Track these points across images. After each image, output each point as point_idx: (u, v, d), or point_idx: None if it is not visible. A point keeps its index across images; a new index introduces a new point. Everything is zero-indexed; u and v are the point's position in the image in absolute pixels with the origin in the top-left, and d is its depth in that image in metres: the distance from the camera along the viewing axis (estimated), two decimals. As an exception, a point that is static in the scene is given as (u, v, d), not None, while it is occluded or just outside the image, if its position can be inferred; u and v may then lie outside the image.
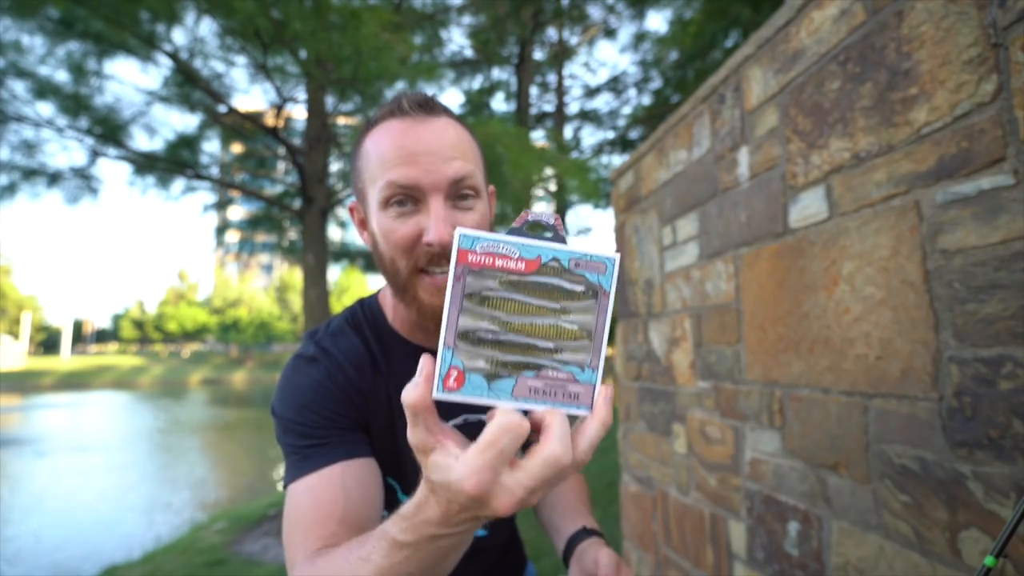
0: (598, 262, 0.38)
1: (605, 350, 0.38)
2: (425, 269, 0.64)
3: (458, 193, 0.63)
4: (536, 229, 0.40)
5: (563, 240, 0.39)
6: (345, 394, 0.67)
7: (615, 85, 10.71)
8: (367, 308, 0.77)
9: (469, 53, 9.95)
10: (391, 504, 0.72)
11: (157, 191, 6.44)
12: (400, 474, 0.74)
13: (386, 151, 0.62)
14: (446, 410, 0.51)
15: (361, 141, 0.67)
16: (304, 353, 0.71)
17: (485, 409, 0.52)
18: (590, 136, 11.29)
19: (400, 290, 0.67)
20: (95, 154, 5.83)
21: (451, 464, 0.37)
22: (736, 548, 1.74)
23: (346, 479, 0.61)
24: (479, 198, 0.66)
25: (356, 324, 0.75)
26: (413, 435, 0.38)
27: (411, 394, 0.37)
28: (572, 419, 0.39)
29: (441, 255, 0.62)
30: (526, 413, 0.38)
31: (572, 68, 11.50)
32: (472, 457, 0.36)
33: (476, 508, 0.38)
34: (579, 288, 0.38)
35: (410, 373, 0.39)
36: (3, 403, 20.57)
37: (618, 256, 0.39)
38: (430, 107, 0.64)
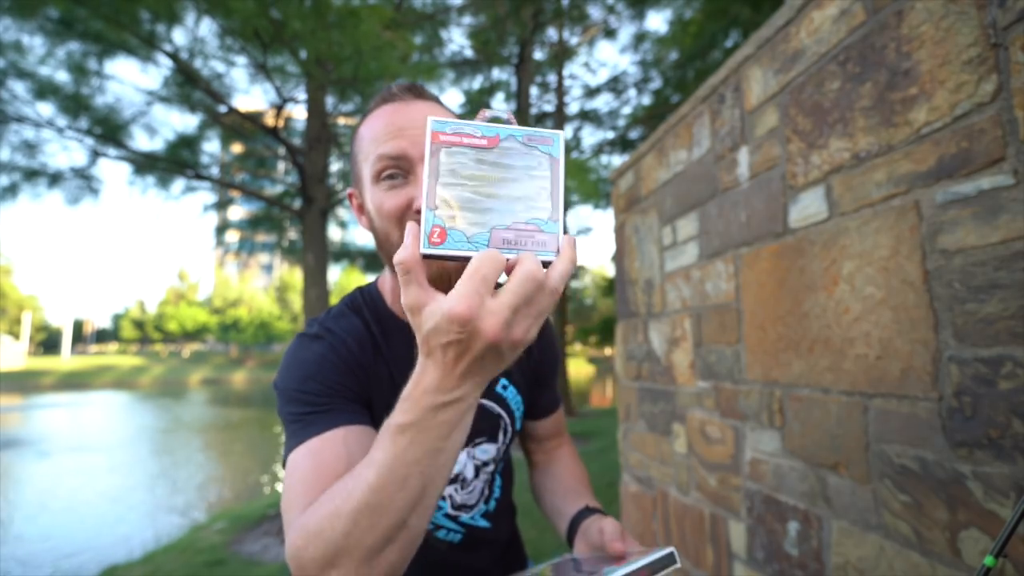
0: (547, 137, 0.46)
1: (562, 205, 0.45)
2: None
3: None
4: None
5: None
6: (348, 366, 0.68)
7: (615, 85, 10.71)
8: (366, 293, 0.79)
9: (469, 53, 9.94)
10: None
11: (157, 191, 6.45)
12: None
13: (377, 130, 0.66)
14: None
15: (357, 131, 0.72)
16: (308, 332, 0.73)
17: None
18: (590, 136, 11.30)
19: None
20: (95, 154, 5.83)
21: (441, 303, 0.41)
22: (736, 548, 1.74)
23: (349, 442, 0.61)
24: None
25: (356, 308, 0.76)
26: (407, 295, 0.42)
27: (402, 254, 0.42)
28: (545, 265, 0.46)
29: None
30: None
31: (572, 68, 11.50)
32: (459, 287, 0.40)
33: (469, 339, 0.41)
34: (534, 158, 0.45)
35: (409, 355, 0.40)
36: (3, 403, 20.56)
37: (563, 133, 0.47)
38: (418, 92, 0.69)
